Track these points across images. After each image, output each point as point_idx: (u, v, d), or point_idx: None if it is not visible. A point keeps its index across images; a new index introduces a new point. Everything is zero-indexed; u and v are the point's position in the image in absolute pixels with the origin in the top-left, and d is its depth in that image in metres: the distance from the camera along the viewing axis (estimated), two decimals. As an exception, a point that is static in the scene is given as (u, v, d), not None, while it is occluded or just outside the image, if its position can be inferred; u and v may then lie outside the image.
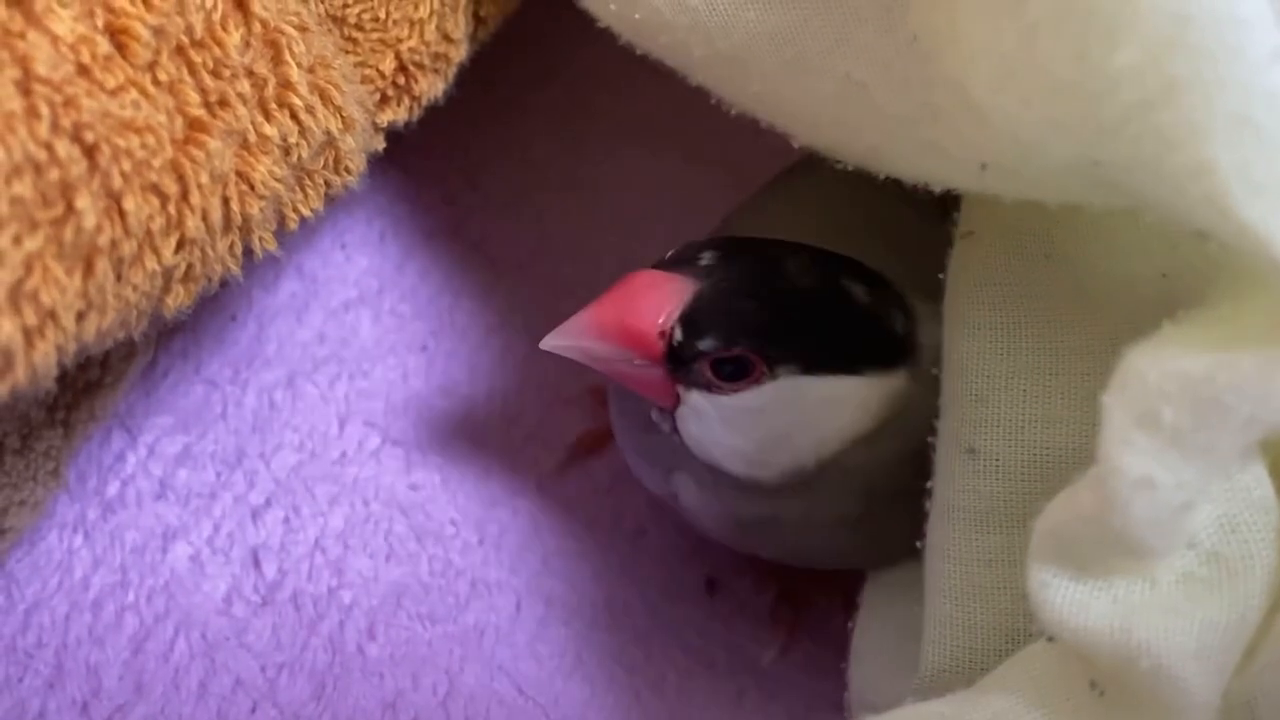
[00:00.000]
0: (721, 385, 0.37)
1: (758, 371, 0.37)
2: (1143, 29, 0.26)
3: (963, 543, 0.37)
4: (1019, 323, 0.36)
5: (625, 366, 0.38)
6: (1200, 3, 0.25)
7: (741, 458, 0.39)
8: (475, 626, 0.45)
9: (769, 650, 0.47)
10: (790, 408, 0.38)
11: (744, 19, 0.37)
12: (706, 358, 0.37)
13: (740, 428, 0.38)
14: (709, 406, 0.38)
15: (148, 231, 0.32)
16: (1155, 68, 0.26)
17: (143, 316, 0.34)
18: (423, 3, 0.42)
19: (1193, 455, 0.27)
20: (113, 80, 0.31)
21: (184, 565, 0.45)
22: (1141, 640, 0.28)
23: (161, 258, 0.32)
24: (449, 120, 0.57)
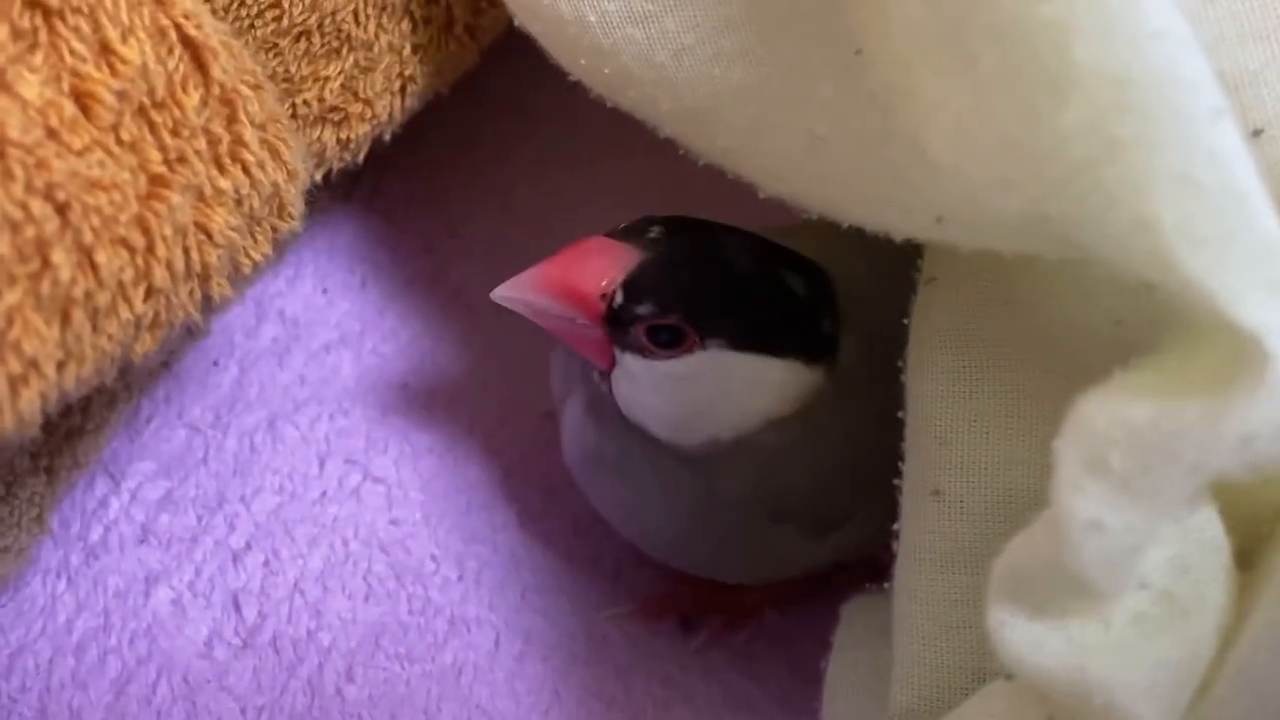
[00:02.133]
0: (655, 351, 0.39)
1: (689, 341, 0.39)
2: (1087, 90, 0.27)
3: (929, 583, 0.37)
4: (980, 367, 0.37)
5: (568, 325, 0.40)
6: (1142, 65, 0.26)
7: (666, 422, 0.41)
8: (453, 665, 0.46)
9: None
10: (715, 380, 0.40)
11: (709, 75, 0.38)
12: (643, 323, 0.39)
13: (668, 393, 0.40)
14: (641, 370, 0.40)
15: (119, 283, 0.33)
16: (1099, 127, 0.27)
17: (116, 364, 0.35)
18: (334, 62, 0.44)
19: (1140, 499, 0.28)
20: (79, 141, 0.32)
21: (166, 609, 0.46)
22: (1096, 678, 0.29)
23: (133, 307, 0.34)
24: (430, 169, 0.59)
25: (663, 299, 0.39)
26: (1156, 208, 0.26)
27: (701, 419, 0.41)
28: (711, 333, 0.39)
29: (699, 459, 0.42)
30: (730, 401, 0.40)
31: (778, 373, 0.40)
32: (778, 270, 0.40)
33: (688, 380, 0.40)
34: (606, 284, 0.39)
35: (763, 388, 0.40)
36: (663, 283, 0.39)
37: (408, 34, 0.47)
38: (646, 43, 0.39)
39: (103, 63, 0.33)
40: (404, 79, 0.47)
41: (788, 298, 0.40)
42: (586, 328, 0.40)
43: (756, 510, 0.42)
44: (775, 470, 0.42)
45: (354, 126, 0.45)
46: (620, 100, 0.41)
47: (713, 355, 0.39)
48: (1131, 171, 0.27)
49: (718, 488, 0.42)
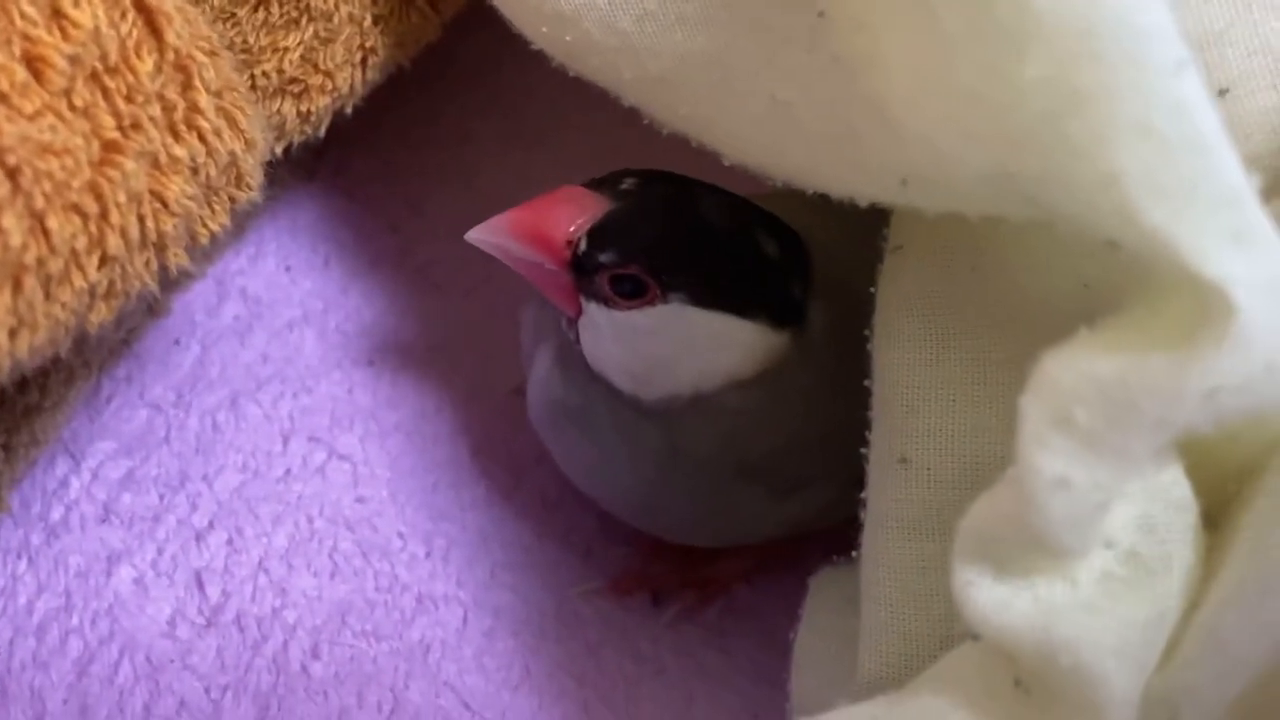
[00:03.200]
0: (617, 301, 0.39)
1: (651, 293, 0.39)
2: (1049, 42, 0.27)
3: (897, 551, 0.37)
4: (947, 334, 0.37)
5: (539, 270, 0.40)
6: (1104, 16, 0.26)
7: (628, 374, 0.41)
8: (421, 642, 0.46)
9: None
10: (676, 334, 0.40)
11: (672, 41, 0.37)
12: (605, 272, 0.39)
13: (629, 345, 0.40)
14: (605, 320, 0.40)
15: (72, 250, 0.33)
16: (1062, 79, 0.27)
17: (70, 334, 0.34)
18: (293, 33, 0.44)
19: (1107, 456, 0.27)
20: (30, 106, 0.32)
21: (128, 588, 0.45)
22: (1062, 638, 0.29)
23: (87, 275, 0.33)
24: (394, 147, 0.58)
25: (625, 248, 0.39)
26: (1119, 159, 0.26)
27: (662, 373, 0.41)
28: (674, 286, 0.39)
29: (661, 414, 0.42)
30: (691, 358, 0.40)
31: (742, 333, 0.40)
32: (751, 230, 0.40)
33: (648, 333, 0.40)
34: (573, 231, 0.39)
35: (725, 347, 0.40)
36: (627, 232, 0.39)
37: (368, 4, 0.46)
38: (609, 9, 0.38)
39: (54, 26, 0.32)
40: (365, 50, 0.47)
41: (759, 258, 0.40)
42: (556, 274, 0.40)
43: (721, 470, 0.42)
44: (740, 432, 0.41)
45: (314, 99, 0.45)
46: (582, 69, 0.40)
47: (675, 310, 0.39)
48: (1094, 123, 0.26)
49: (681, 445, 0.42)
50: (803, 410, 0.42)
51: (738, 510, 0.43)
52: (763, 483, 0.43)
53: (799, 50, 0.35)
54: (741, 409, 0.41)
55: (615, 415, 0.42)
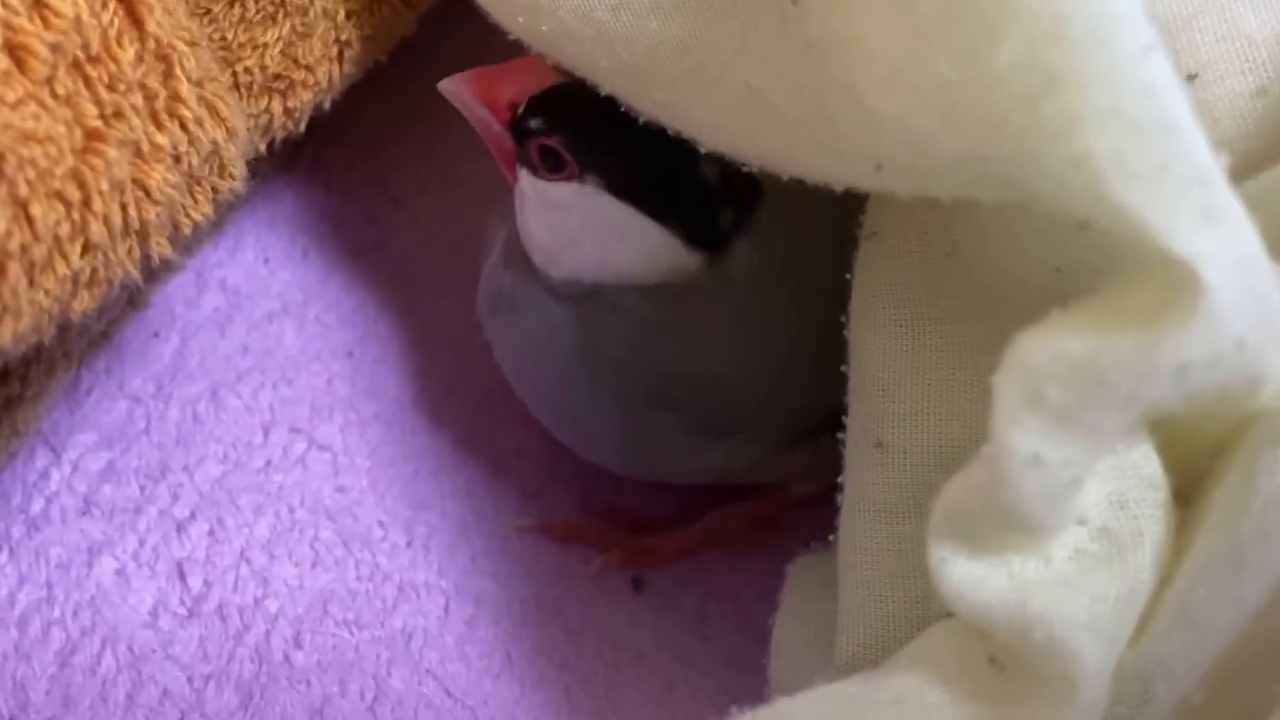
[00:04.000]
0: (541, 171, 0.41)
1: (569, 169, 0.41)
2: (1023, 26, 0.27)
3: (873, 533, 0.38)
4: (922, 319, 0.38)
5: (489, 128, 0.42)
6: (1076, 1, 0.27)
7: (539, 247, 0.42)
8: (403, 630, 0.46)
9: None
10: (584, 215, 0.41)
11: (647, 29, 0.38)
12: (534, 139, 0.41)
13: (543, 217, 0.42)
14: (528, 189, 0.42)
15: (55, 237, 0.33)
16: (1035, 63, 0.27)
17: (53, 321, 0.35)
18: (271, 29, 0.44)
19: (1079, 432, 0.28)
20: (12, 94, 0.32)
21: (109, 579, 0.46)
22: (1035, 613, 0.29)
23: (70, 262, 0.33)
24: (372, 139, 0.58)
25: (553, 120, 0.40)
26: (1090, 141, 0.27)
27: (567, 252, 0.42)
28: (591, 168, 0.40)
29: (568, 299, 0.43)
30: (594, 243, 0.41)
31: (647, 235, 0.41)
32: (695, 149, 0.40)
33: (560, 208, 0.41)
34: (517, 95, 0.41)
35: (628, 242, 0.41)
36: (562, 106, 0.40)
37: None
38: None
39: (35, 15, 0.32)
40: (340, 44, 0.47)
41: (692, 174, 0.41)
42: (502, 135, 0.42)
43: (632, 384, 0.43)
44: (642, 338, 0.42)
45: (299, 94, 0.45)
46: (559, 58, 0.40)
47: (588, 191, 0.41)
48: (1065, 105, 0.27)
49: (593, 341, 0.43)
50: (713, 341, 0.42)
51: (653, 438, 0.44)
52: (678, 414, 0.43)
53: (772, 37, 0.35)
54: (643, 314, 0.42)
55: (534, 296, 0.43)
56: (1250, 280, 0.27)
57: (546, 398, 0.45)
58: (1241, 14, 0.34)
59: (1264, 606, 0.30)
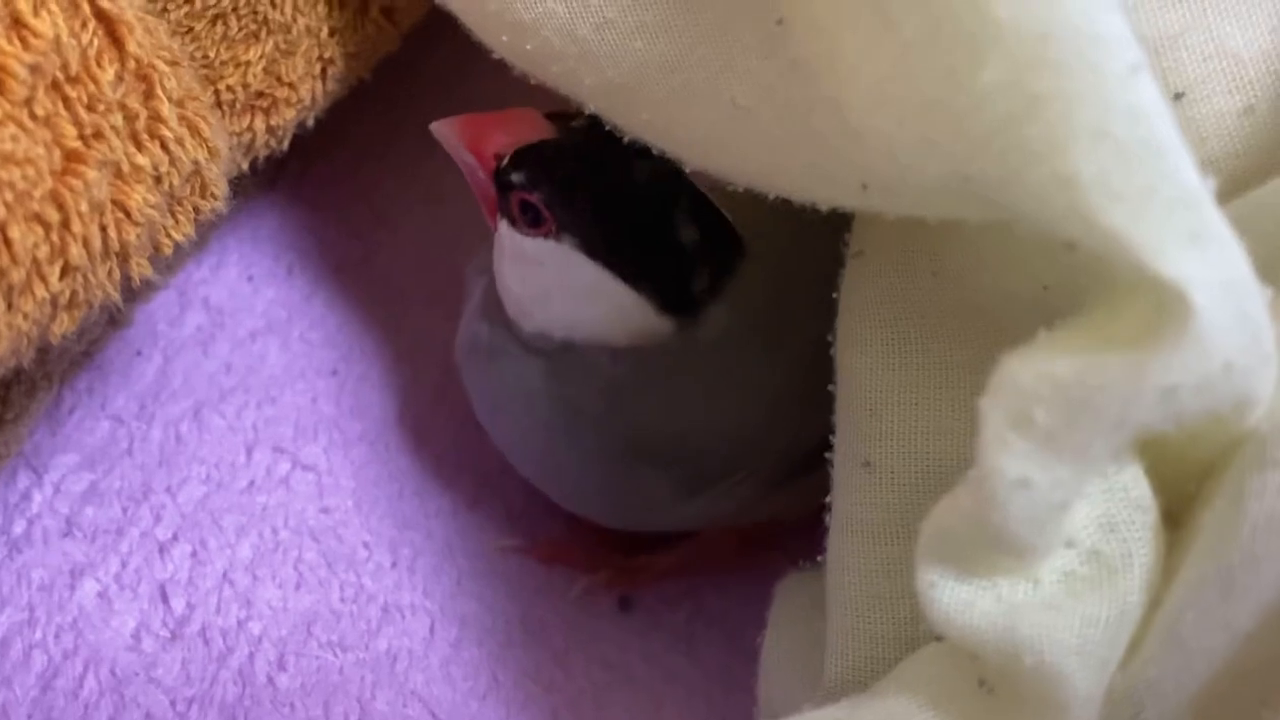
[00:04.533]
0: (521, 224, 0.41)
1: (547, 226, 0.40)
2: (1007, 47, 0.27)
3: (862, 554, 0.37)
4: (909, 338, 0.37)
5: (475, 175, 0.43)
6: (1060, 21, 0.26)
7: (513, 298, 0.42)
8: (388, 652, 0.46)
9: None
10: (558, 273, 0.41)
11: (632, 48, 0.38)
12: (516, 193, 0.41)
13: (518, 270, 0.42)
14: (507, 241, 0.42)
15: (34, 259, 0.33)
16: (1019, 84, 0.27)
17: (32, 344, 0.34)
18: (253, 47, 0.44)
19: (1066, 455, 0.28)
20: None
21: (92, 602, 0.45)
22: (1025, 637, 0.29)
23: (49, 285, 0.33)
24: (355, 156, 0.58)
25: (535, 175, 0.40)
26: (1076, 163, 0.27)
27: (538, 307, 0.42)
28: (568, 226, 0.40)
29: (539, 352, 0.43)
30: (564, 302, 0.41)
31: (619, 297, 0.41)
32: (673, 209, 0.40)
33: (535, 263, 0.41)
34: (504, 146, 0.41)
35: (598, 304, 0.41)
36: (545, 162, 0.40)
37: (324, 16, 0.46)
38: (568, 17, 0.38)
39: (14, 36, 0.32)
40: (323, 62, 0.47)
41: (669, 237, 0.41)
42: (486, 183, 0.42)
43: (612, 441, 0.43)
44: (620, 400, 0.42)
45: (282, 112, 0.45)
46: (543, 76, 0.40)
47: (564, 250, 0.40)
48: (1051, 127, 0.27)
49: (566, 395, 0.43)
50: (684, 403, 0.42)
51: (633, 492, 0.44)
52: (656, 469, 0.43)
53: (758, 56, 0.35)
54: (613, 374, 0.42)
55: (510, 347, 0.43)
56: (1238, 303, 0.26)
57: (523, 449, 0.45)
58: (1229, 32, 0.34)
59: (1253, 629, 0.30)
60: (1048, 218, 0.28)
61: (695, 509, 0.44)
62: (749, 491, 0.44)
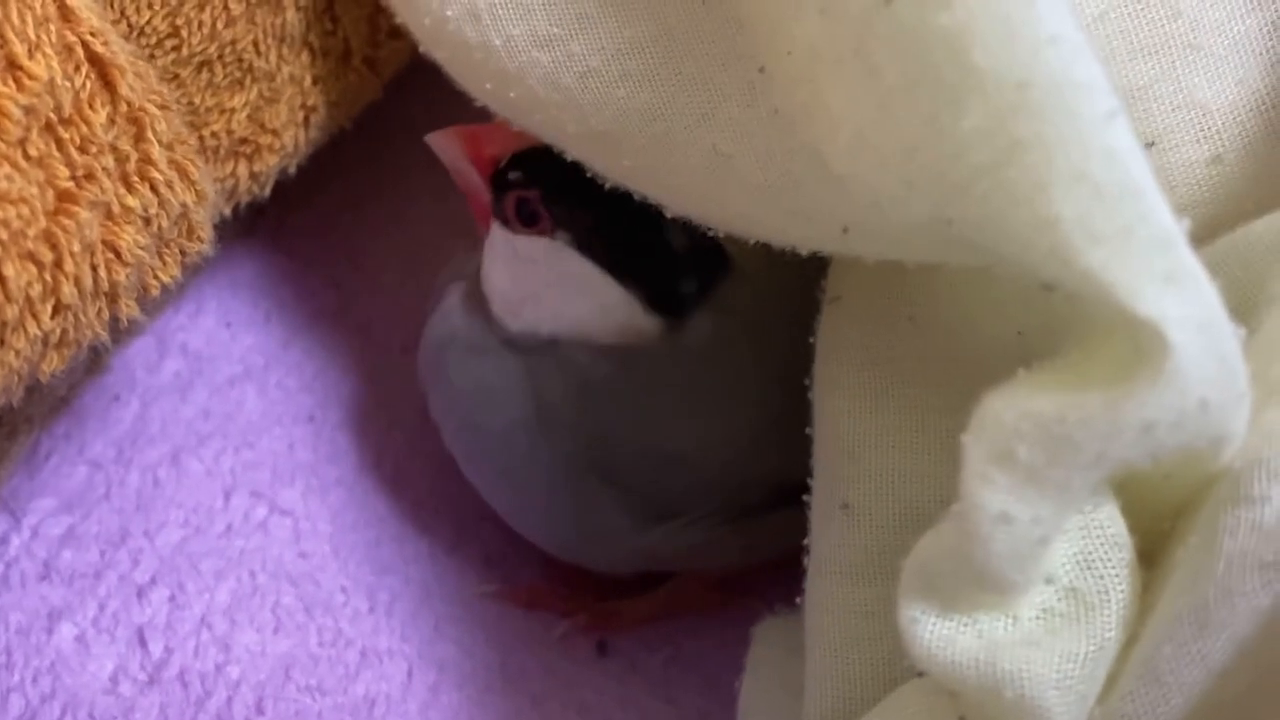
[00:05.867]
0: (515, 224, 0.43)
1: (543, 224, 0.42)
2: (986, 95, 0.28)
3: (839, 596, 0.38)
4: (886, 383, 0.38)
5: (470, 182, 0.44)
6: (1039, 70, 0.27)
7: (501, 297, 0.44)
8: (365, 697, 0.45)
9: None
10: (551, 270, 0.42)
11: (614, 97, 0.38)
12: (512, 193, 0.42)
13: (512, 269, 0.43)
14: (500, 242, 0.43)
15: (27, 298, 0.33)
16: (1000, 129, 0.28)
17: (22, 382, 0.34)
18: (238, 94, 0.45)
19: (1047, 491, 0.28)
20: None
21: (69, 645, 0.45)
22: (1005, 672, 0.30)
23: (40, 323, 0.33)
24: (332, 204, 0.58)
25: (533, 173, 0.42)
26: (1056, 206, 0.27)
27: (528, 304, 0.43)
28: (564, 224, 0.42)
29: (524, 350, 0.43)
30: (557, 298, 0.43)
31: (608, 293, 0.42)
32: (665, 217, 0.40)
33: (529, 261, 0.42)
34: (501, 151, 0.43)
35: (587, 298, 0.42)
36: (542, 163, 0.41)
37: (307, 65, 0.47)
38: (552, 66, 0.39)
39: (9, 78, 0.32)
40: (306, 110, 0.48)
41: (660, 240, 0.42)
42: (480, 188, 0.44)
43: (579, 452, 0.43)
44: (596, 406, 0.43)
45: (265, 158, 0.45)
46: (526, 124, 0.41)
47: (558, 246, 0.42)
48: (1031, 171, 0.27)
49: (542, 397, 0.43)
50: (659, 411, 0.43)
51: (589, 511, 0.44)
52: (619, 489, 0.44)
53: (739, 104, 0.36)
54: (592, 374, 0.43)
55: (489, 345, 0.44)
56: (1213, 342, 0.27)
57: (484, 456, 0.46)
58: (1197, 84, 0.35)
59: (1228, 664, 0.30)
60: (1028, 260, 0.28)
61: (651, 542, 0.45)
62: (703, 531, 0.44)
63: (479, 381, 0.45)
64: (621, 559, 0.47)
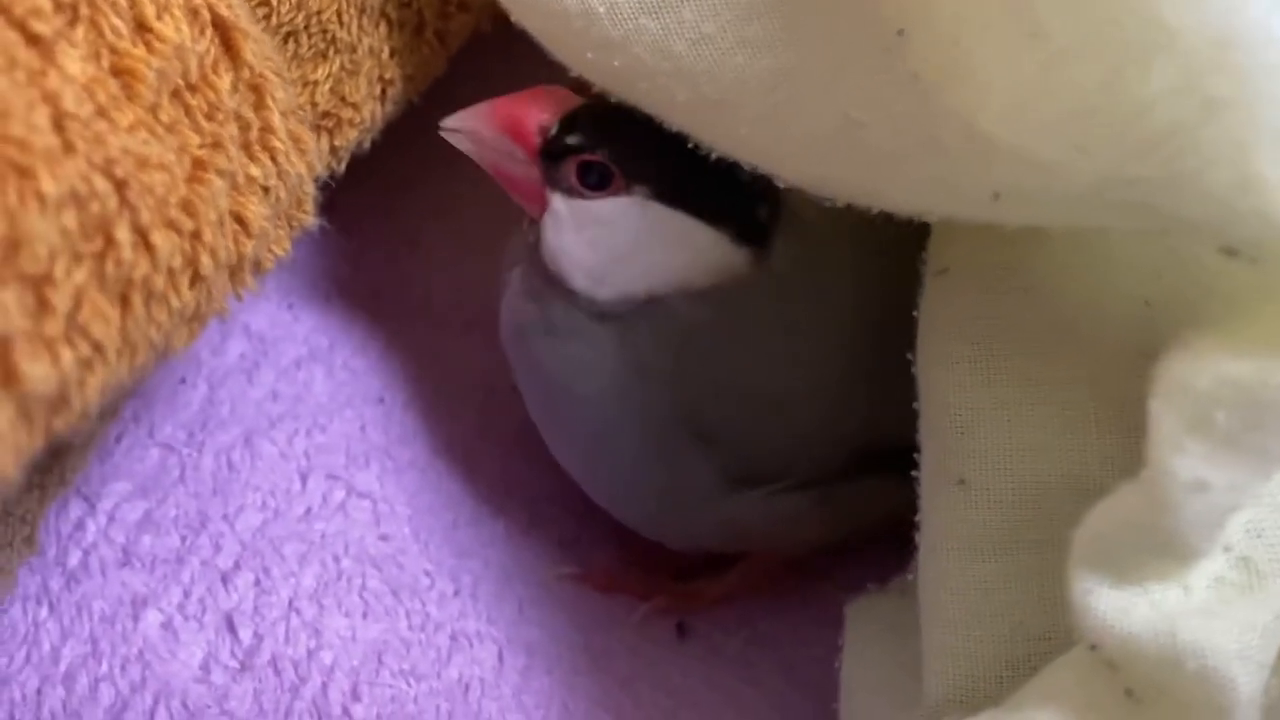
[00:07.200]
0: (583, 191, 0.41)
1: (616, 184, 0.41)
2: (1181, 54, 0.27)
3: (959, 573, 0.37)
4: (1000, 355, 0.38)
5: (506, 161, 0.42)
6: (1240, 27, 0.27)
7: (584, 270, 0.42)
8: (460, 681, 0.44)
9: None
10: (635, 228, 0.41)
11: (732, 64, 0.37)
12: (573, 158, 0.41)
13: (590, 238, 0.41)
14: (567, 213, 0.41)
15: (169, 268, 0.32)
16: (1193, 89, 0.27)
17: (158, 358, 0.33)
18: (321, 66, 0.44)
19: (1245, 456, 0.28)
20: (125, 119, 0.31)
21: (156, 633, 0.43)
22: (1186, 643, 0.29)
23: (180, 294, 0.32)
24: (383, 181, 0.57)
25: (594, 134, 0.41)
26: (1260, 165, 0.27)
27: (618, 269, 0.42)
28: (638, 178, 0.41)
29: (615, 319, 0.42)
30: (647, 255, 0.41)
31: (700, 237, 0.41)
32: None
33: (609, 224, 0.41)
34: (546, 119, 0.41)
35: (682, 248, 0.41)
36: (600, 121, 0.41)
37: (385, 36, 0.46)
38: (662, 33, 0.38)
39: (139, 40, 0.31)
40: (383, 83, 0.47)
41: (729, 173, 0.40)
42: (524, 166, 0.42)
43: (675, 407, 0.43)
44: (697, 351, 0.42)
45: (345, 132, 0.44)
46: (628, 93, 0.40)
47: (637, 202, 0.41)
48: (1231, 131, 0.27)
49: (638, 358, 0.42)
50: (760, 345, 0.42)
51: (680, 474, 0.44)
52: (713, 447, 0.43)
53: (873, 68, 0.35)
54: (693, 319, 0.42)
55: (573, 321, 0.43)
56: None
57: (575, 437, 0.45)
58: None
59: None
60: (1221, 221, 0.28)
61: (735, 510, 0.44)
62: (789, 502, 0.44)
63: (566, 358, 0.44)
64: (703, 531, 0.46)
